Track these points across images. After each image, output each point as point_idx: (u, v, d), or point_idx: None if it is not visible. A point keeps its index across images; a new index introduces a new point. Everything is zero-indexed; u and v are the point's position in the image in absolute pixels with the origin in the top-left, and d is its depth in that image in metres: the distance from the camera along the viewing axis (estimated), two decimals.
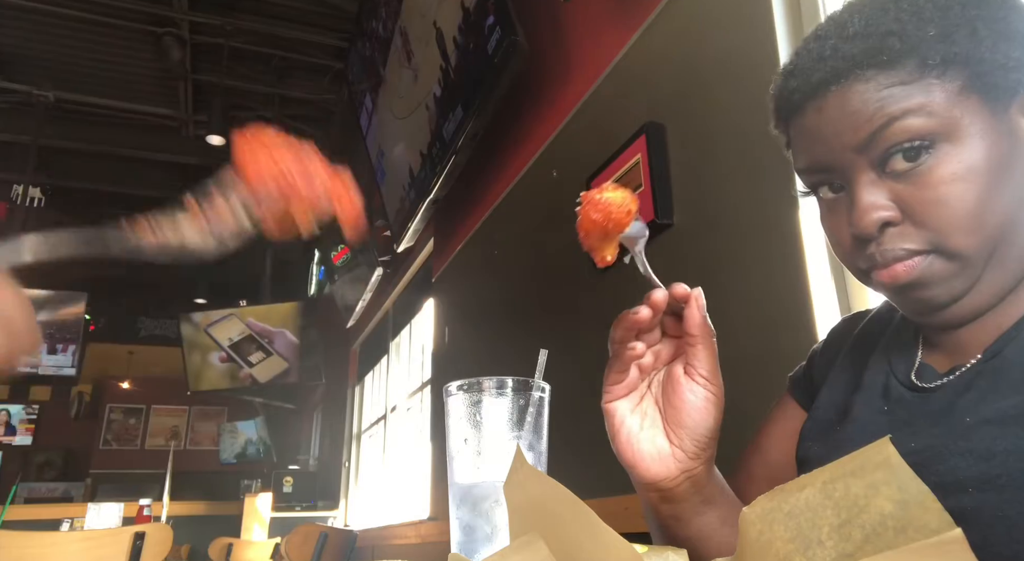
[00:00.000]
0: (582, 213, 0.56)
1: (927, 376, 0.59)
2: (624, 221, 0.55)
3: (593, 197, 0.55)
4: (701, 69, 1.64)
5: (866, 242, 0.55)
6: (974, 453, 0.50)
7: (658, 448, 0.59)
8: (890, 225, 0.54)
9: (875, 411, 0.61)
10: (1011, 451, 0.48)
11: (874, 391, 0.62)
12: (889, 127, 0.52)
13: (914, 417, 0.57)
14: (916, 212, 0.53)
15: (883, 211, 0.54)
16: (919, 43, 0.52)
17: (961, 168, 0.52)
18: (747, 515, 0.35)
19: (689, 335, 0.58)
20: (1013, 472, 0.48)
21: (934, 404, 0.56)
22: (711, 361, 0.58)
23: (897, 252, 0.54)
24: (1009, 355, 0.53)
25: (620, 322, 0.58)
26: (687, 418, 0.58)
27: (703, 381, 0.58)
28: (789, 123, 0.60)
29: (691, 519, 0.61)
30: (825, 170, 0.58)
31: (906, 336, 0.64)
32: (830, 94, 0.55)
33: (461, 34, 2.69)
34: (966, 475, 0.50)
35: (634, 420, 0.60)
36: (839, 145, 0.55)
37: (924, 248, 0.53)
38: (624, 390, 0.60)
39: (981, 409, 0.52)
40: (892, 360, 0.63)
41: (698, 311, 0.58)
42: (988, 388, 0.53)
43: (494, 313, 2.79)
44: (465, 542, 0.56)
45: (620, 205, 0.55)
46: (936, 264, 0.53)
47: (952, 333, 0.59)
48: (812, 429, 0.66)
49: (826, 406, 0.67)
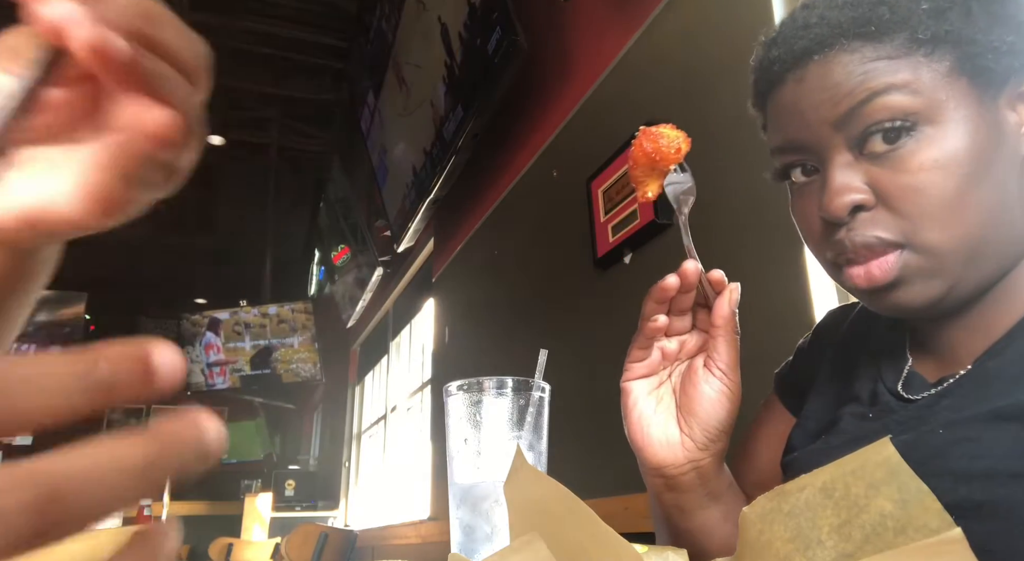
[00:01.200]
0: (635, 143, 0.58)
1: (915, 386, 0.57)
2: (671, 157, 0.57)
3: (649, 129, 0.57)
4: (701, 69, 1.64)
5: (836, 227, 0.52)
6: (954, 474, 0.47)
7: (667, 434, 0.59)
8: (862, 209, 0.51)
9: (861, 419, 0.59)
10: (991, 474, 0.46)
11: (862, 400, 0.60)
12: (870, 102, 0.50)
13: (899, 429, 0.54)
14: (891, 197, 0.50)
15: (856, 194, 0.51)
16: (910, 16, 0.50)
17: (942, 155, 0.49)
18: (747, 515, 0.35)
19: (713, 326, 0.58)
20: (996, 499, 0.45)
21: (917, 416, 0.54)
22: (731, 356, 0.58)
23: (868, 239, 0.51)
24: (992, 369, 0.51)
25: (651, 294, 0.58)
26: (699, 408, 0.58)
27: (720, 374, 0.58)
28: (767, 97, 0.58)
29: (695, 511, 0.61)
30: (800, 148, 0.55)
31: (895, 337, 0.62)
32: (812, 63, 0.53)
33: (467, 30, 2.67)
34: (950, 500, 0.48)
35: (648, 403, 0.60)
36: (816, 119, 0.52)
37: (896, 239, 0.50)
38: (644, 370, 0.60)
39: (957, 427, 0.49)
40: (881, 366, 0.61)
41: (728, 305, 0.58)
42: (964, 402, 0.50)
43: (494, 313, 2.79)
44: (465, 542, 0.56)
45: (672, 141, 0.57)
46: (911, 261, 0.50)
47: (941, 337, 0.56)
48: (799, 438, 0.65)
49: (815, 416, 0.65)
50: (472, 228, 3.04)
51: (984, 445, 0.47)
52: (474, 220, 3.03)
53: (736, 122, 1.51)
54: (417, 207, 3.46)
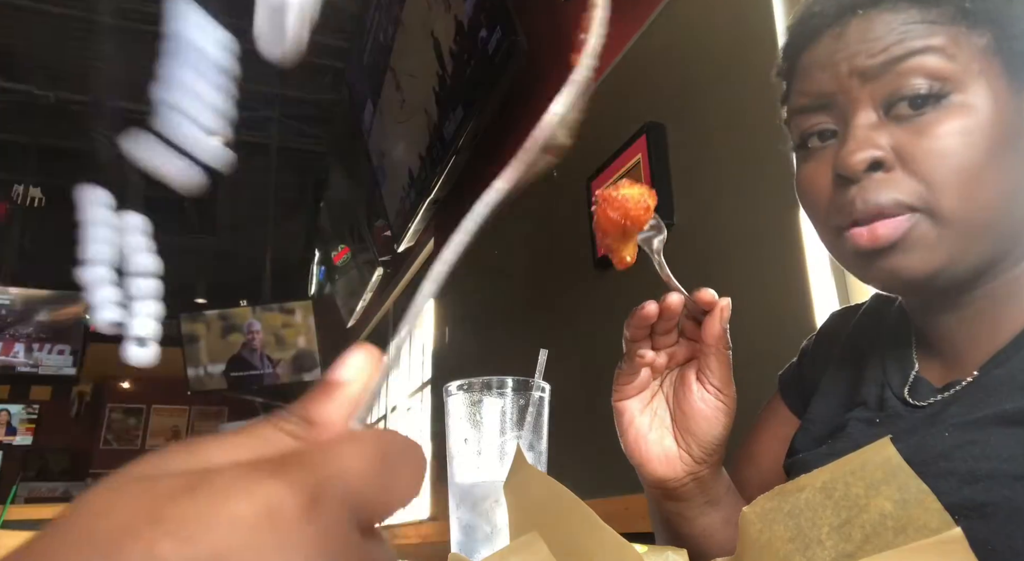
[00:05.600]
0: (599, 212, 0.54)
1: (921, 392, 0.56)
2: (643, 218, 0.53)
3: (610, 194, 0.53)
4: (701, 69, 1.64)
5: (848, 187, 0.51)
6: (958, 475, 0.47)
7: (665, 449, 0.58)
8: (880, 167, 0.50)
9: (869, 425, 0.58)
10: (994, 476, 0.46)
11: (869, 405, 0.60)
12: (906, 61, 0.50)
13: (904, 433, 0.54)
14: (913, 160, 0.50)
15: (877, 150, 0.50)
16: None
17: (968, 125, 0.49)
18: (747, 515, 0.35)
19: (705, 344, 0.56)
20: (999, 500, 0.45)
21: (923, 421, 0.54)
22: (724, 372, 0.57)
23: (881, 200, 0.50)
24: (999, 377, 0.50)
25: (631, 319, 0.57)
26: (696, 426, 0.57)
27: (715, 391, 0.57)
28: (799, 56, 0.57)
29: (695, 518, 0.60)
30: (825, 105, 0.54)
31: (901, 340, 0.61)
32: (854, 19, 0.52)
33: (457, 45, 2.70)
34: (952, 501, 0.47)
35: (643, 420, 0.59)
36: (848, 70, 0.52)
37: (912, 202, 0.49)
38: (635, 390, 0.60)
39: (964, 430, 0.49)
40: (888, 370, 0.60)
41: (719, 323, 0.56)
42: (972, 408, 0.50)
43: (494, 313, 2.79)
44: (465, 542, 0.56)
45: (638, 201, 0.53)
46: (922, 226, 0.49)
47: (947, 339, 0.56)
48: (803, 441, 0.64)
49: (820, 420, 0.64)
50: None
51: (989, 447, 0.47)
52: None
53: (736, 122, 1.51)
54: (417, 207, 3.46)
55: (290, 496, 0.16)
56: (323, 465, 0.18)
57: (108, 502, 0.16)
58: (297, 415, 0.21)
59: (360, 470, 0.19)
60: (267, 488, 0.16)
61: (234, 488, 0.16)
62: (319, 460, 0.18)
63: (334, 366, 0.23)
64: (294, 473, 0.17)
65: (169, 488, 0.16)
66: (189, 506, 0.16)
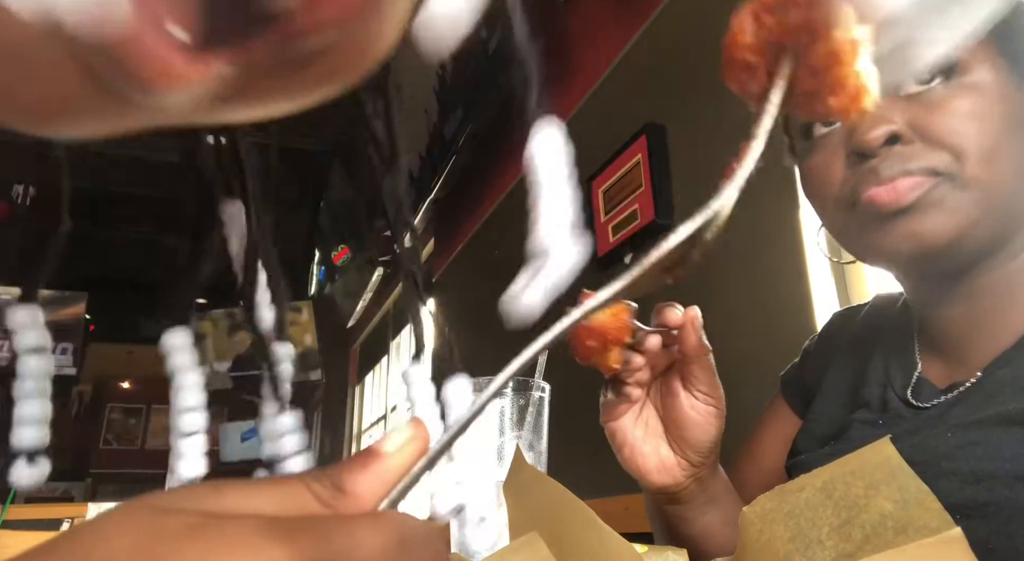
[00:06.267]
0: (575, 342, 0.52)
1: (924, 393, 0.57)
2: (625, 332, 0.51)
3: (583, 327, 0.50)
4: (701, 69, 1.64)
5: (865, 159, 0.51)
6: (960, 475, 0.47)
7: (662, 459, 0.59)
8: (897, 140, 0.50)
9: (872, 426, 0.59)
10: (997, 476, 0.46)
11: (872, 407, 0.60)
12: None
13: (907, 434, 0.54)
14: (931, 131, 0.50)
15: (892, 125, 0.50)
16: None
17: (980, 103, 0.50)
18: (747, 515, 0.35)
19: (685, 356, 0.56)
20: (1000, 500, 0.45)
21: (926, 423, 0.54)
22: (708, 376, 0.57)
23: (907, 166, 0.50)
24: (1003, 378, 0.51)
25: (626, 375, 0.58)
26: (689, 433, 0.57)
27: (703, 396, 0.57)
28: None
29: (695, 519, 0.61)
30: None
31: (905, 340, 0.61)
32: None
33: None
34: (954, 501, 0.48)
35: (636, 433, 0.60)
36: None
37: (937, 167, 0.49)
38: (624, 409, 0.60)
39: (967, 431, 0.49)
40: (891, 371, 0.60)
41: (694, 334, 0.55)
42: (975, 409, 0.50)
43: (494, 313, 2.79)
44: None
45: (614, 322, 0.51)
46: (944, 187, 0.49)
47: (950, 338, 0.56)
48: (805, 441, 0.65)
49: (822, 420, 0.64)
50: (472, 229, 3.04)
51: (992, 448, 0.47)
52: (474, 220, 3.02)
53: (736, 122, 1.51)
54: (417, 208, 3.46)
55: None
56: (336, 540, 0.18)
57: (118, 527, 0.16)
58: (330, 480, 0.20)
59: (373, 552, 0.18)
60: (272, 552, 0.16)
61: (240, 543, 0.16)
62: (334, 533, 0.18)
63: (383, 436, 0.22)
64: (305, 541, 0.17)
65: (178, 526, 0.16)
66: (189, 550, 0.16)
